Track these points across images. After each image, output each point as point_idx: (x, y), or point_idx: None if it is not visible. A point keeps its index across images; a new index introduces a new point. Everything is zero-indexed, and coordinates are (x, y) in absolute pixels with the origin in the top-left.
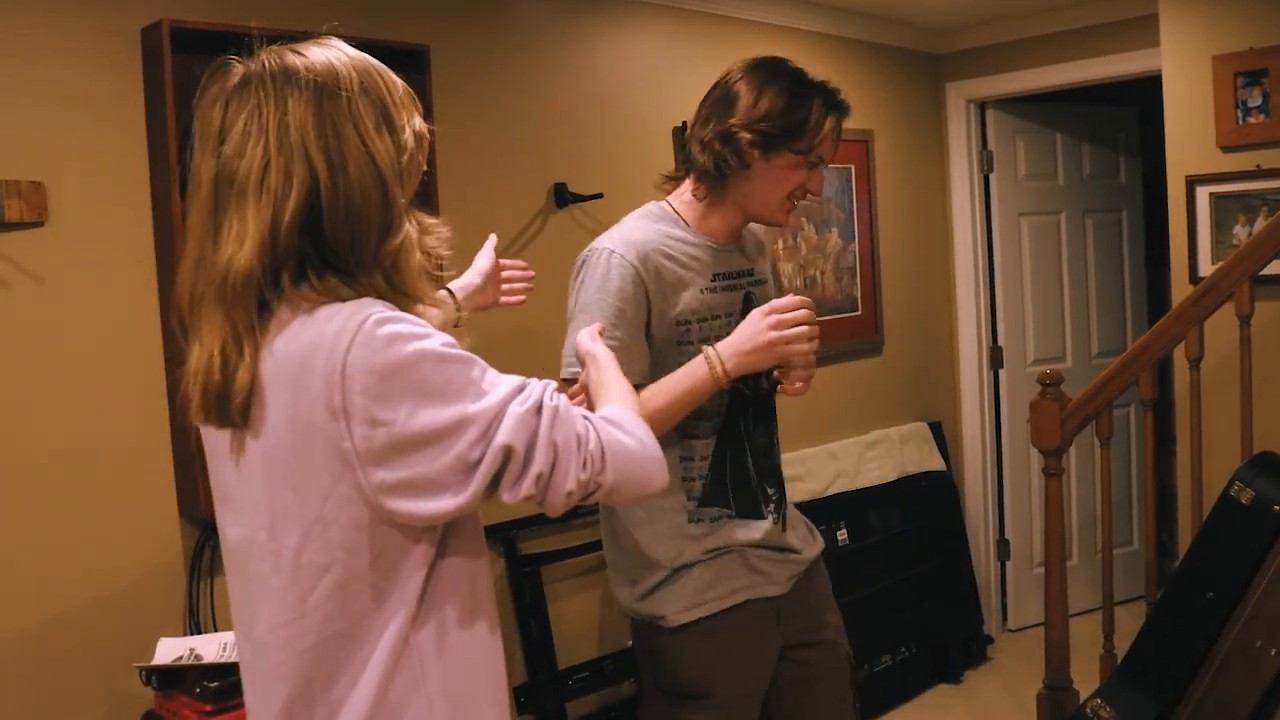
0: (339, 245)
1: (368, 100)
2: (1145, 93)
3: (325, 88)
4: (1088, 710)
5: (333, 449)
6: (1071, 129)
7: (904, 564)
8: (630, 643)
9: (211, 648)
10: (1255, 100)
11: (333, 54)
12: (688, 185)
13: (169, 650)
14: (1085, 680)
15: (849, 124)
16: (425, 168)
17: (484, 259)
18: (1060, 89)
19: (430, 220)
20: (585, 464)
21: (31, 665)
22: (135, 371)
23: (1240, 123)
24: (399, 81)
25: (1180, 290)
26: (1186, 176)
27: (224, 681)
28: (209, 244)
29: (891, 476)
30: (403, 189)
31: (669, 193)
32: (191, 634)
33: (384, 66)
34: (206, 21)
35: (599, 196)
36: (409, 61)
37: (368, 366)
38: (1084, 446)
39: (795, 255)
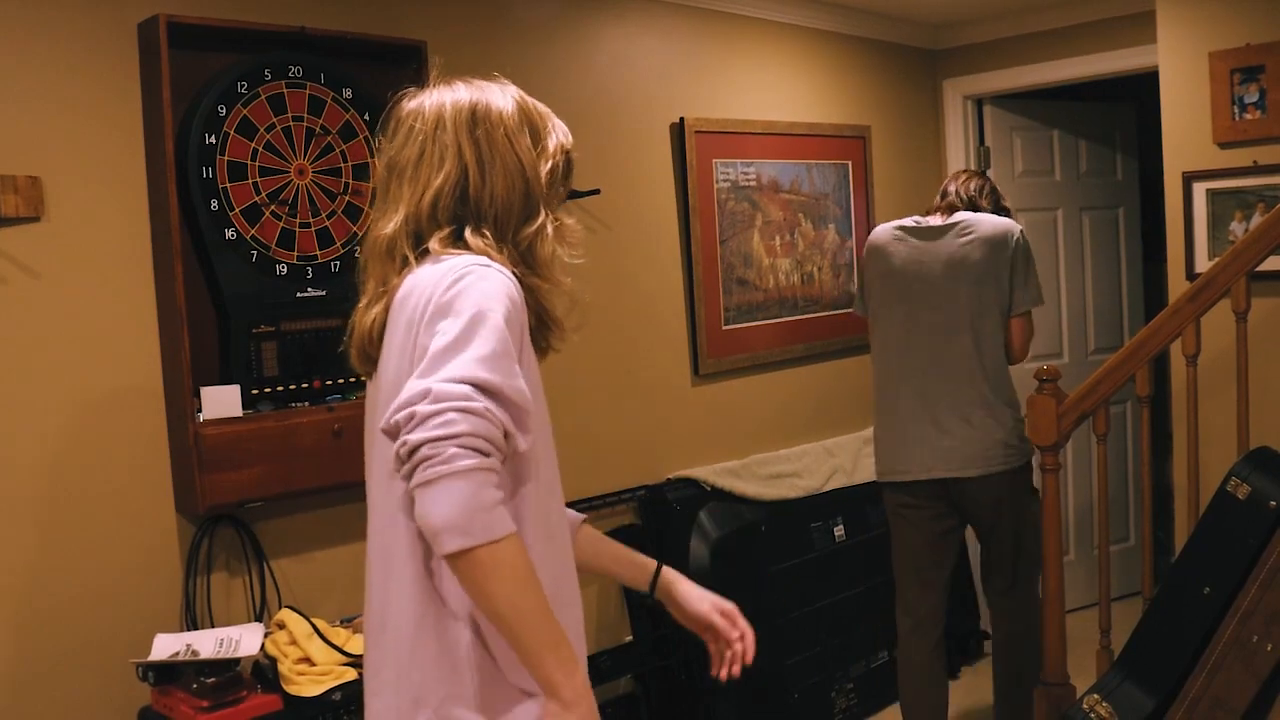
0: (483, 220)
1: (519, 116)
2: (1142, 89)
3: (479, 103)
4: (1084, 706)
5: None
6: (1068, 125)
7: None
8: (628, 638)
9: (208, 644)
10: (1252, 96)
11: (500, 88)
12: None
13: (166, 646)
14: (1082, 676)
15: (847, 119)
16: (569, 178)
17: (714, 614)
18: (1057, 85)
19: (568, 221)
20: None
21: (28, 661)
22: (132, 366)
23: (1237, 119)
24: (546, 110)
25: (1177, 286)
26: (1183, 173)
27: (220, 677)
28: (378, 219)
29: None
30: (545, 188)
31: None
32: (188, 630)
33: (547, 111)
34: (203, 16)
35: (596, 192)
36: (405, 56)
37: (435, 298)
38: (1081, 442)
39: (792, 252)
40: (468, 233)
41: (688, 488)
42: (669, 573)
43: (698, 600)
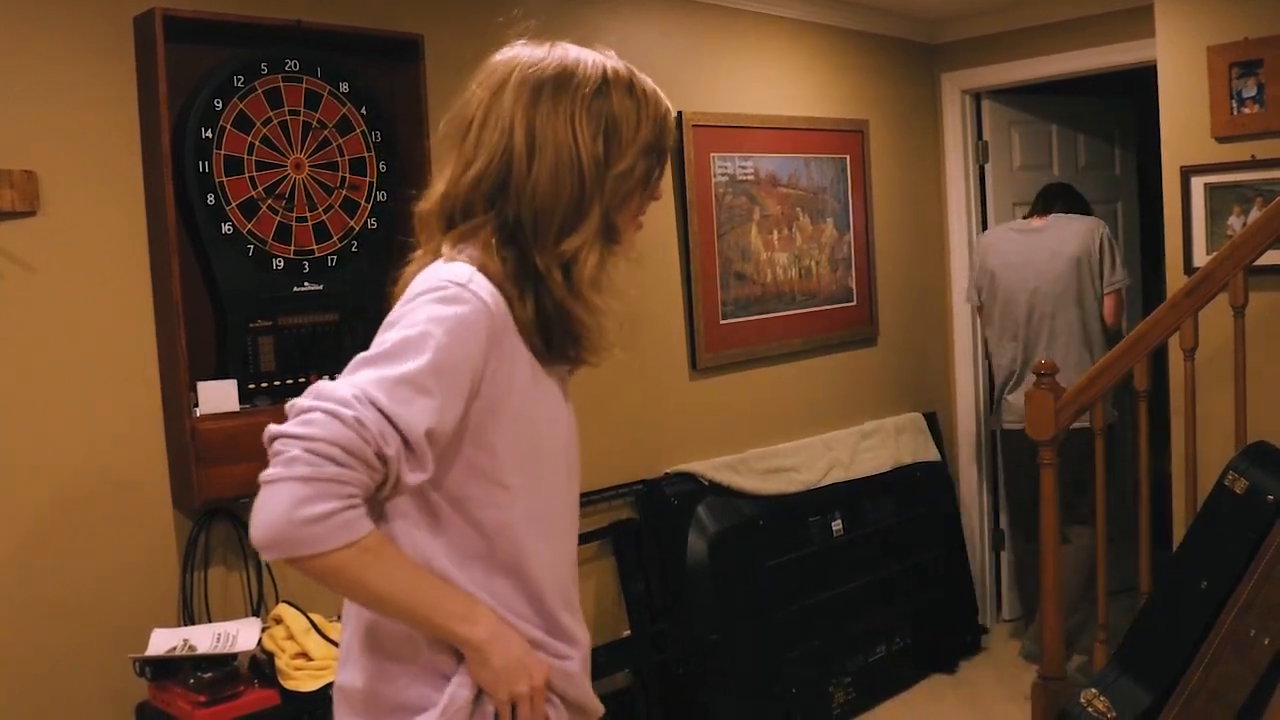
0: (520, 219)
1: (600, 105)
2: (1141, 83)
3: (558, 78)
4: (1082, 700)
5: None
6: (1067, 120)
7: (899, 554)
8: (626, 633)
9: (205, 639)
10: (1250, 91)
11: (594, 58)
12: None
13: (163, 641)
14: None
15: (845, 114)
16: (652, 184)
17: None
18: (1056, 79)
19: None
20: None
21: (25, 656)
22: (129, 361)
23: (1235, 113)
24: (652, 93)
25: (1175, 281)
26: (1181, 167)
27: (218, 672)
28: (432, 182)
29: (886, 467)
30: (603, 200)
31: None
32: (185, 625)
33: (656, 99)
34: (199, 10)
35: None
36: (402, 51)
37: (399, 304)
38: None
39: (790, 246)
40: (488, 231)
41: (685, 482)
42: None
43: None
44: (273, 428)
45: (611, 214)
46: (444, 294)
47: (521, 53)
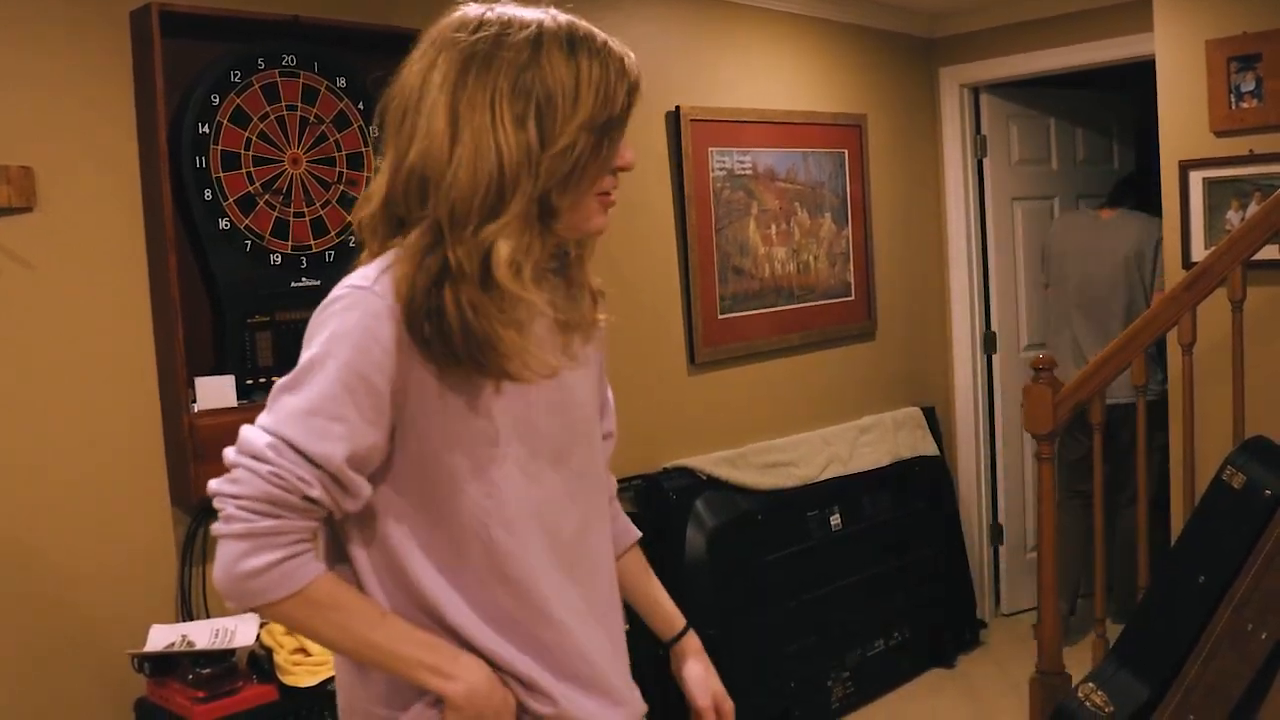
0: (438, 211)
1: (530, 78)
2: (1139, 77)
3: (488, 50)
4: (1080, 695)
5: None
6: (1065, 114)
7: (897, 549)
8: (625, 627)
9: (204, 634)
10: (1248, 85)
11: (534, 18)
12: None
13: (161, 637)
14: (1077, 664)
15: (843, 108)
16: (601, 161)
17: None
18: (1054, 74)
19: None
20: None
21: (23, 653)
22: (126, 357)
23: (1233, 107)
24: (604, 82)
25: (1174, 275)
26: (1180, 161)
27: (216, 668)
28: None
29: (885, 461)
30: (537, 182)
31: None
32: (184, 621)
33: (603, 64)
34: (196, 5)
35: None
36: (399, 45)
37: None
38: None
39: (788, 240)
40: (418, 233)
41: (684, 477)
42: (689, 642)
43: (700, 686)
44: (211, 484)
45: (552, 196)
46: (343, 302)
47: (457, 17)
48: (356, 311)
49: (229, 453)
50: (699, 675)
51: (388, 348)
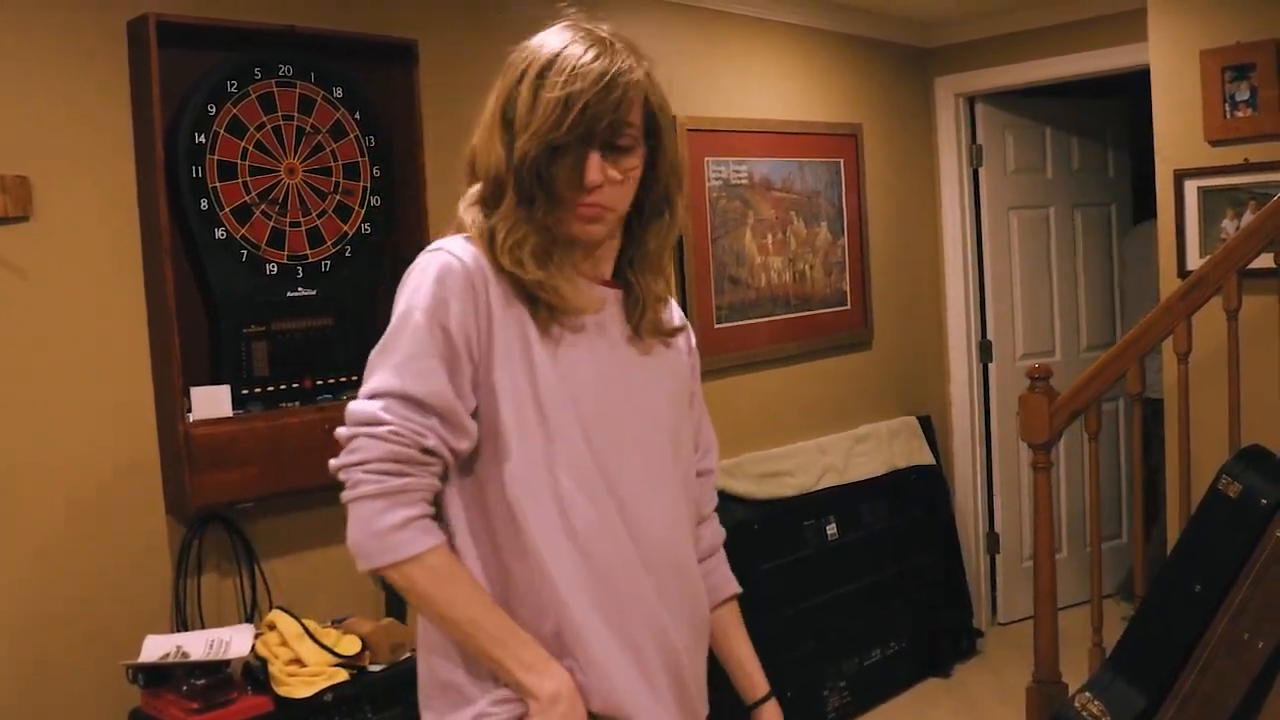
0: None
1: (511, 99)
2: (1134, 86)
3: (505, 76)
4: (1076, 704)
5: None
6: (1061, 123)
7: (894, 558)
8: None
9: (199, 645)
10: (1243, 94)
11: (544, 49)
12: None
13: (156, 648)
14: (1074, 673)
15: (839, 117)
16: (545, 173)
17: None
18: (1049, 83)
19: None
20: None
21: (18, 663)
22: (121, 366)
23: (1228, 117)
24: (551, 102)
25: (1169, 284)
26: (1175, 170)
27: (211, 679)
28: None
29: (881, 471)
30: (514, 173)
31: None
32: (179, 631)
33: (565, 84)
34: (192, 15)
35: None
36: (396, 55)
37: None
38: (1073, 439)
39: (784, 250)
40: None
41: None
42: (767, 711)
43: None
44: (332, 463)
45: (534, 199)
46: (421, 262)
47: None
48: (432, 266)
49: (341, 431)
50: None
51: (459, 297)
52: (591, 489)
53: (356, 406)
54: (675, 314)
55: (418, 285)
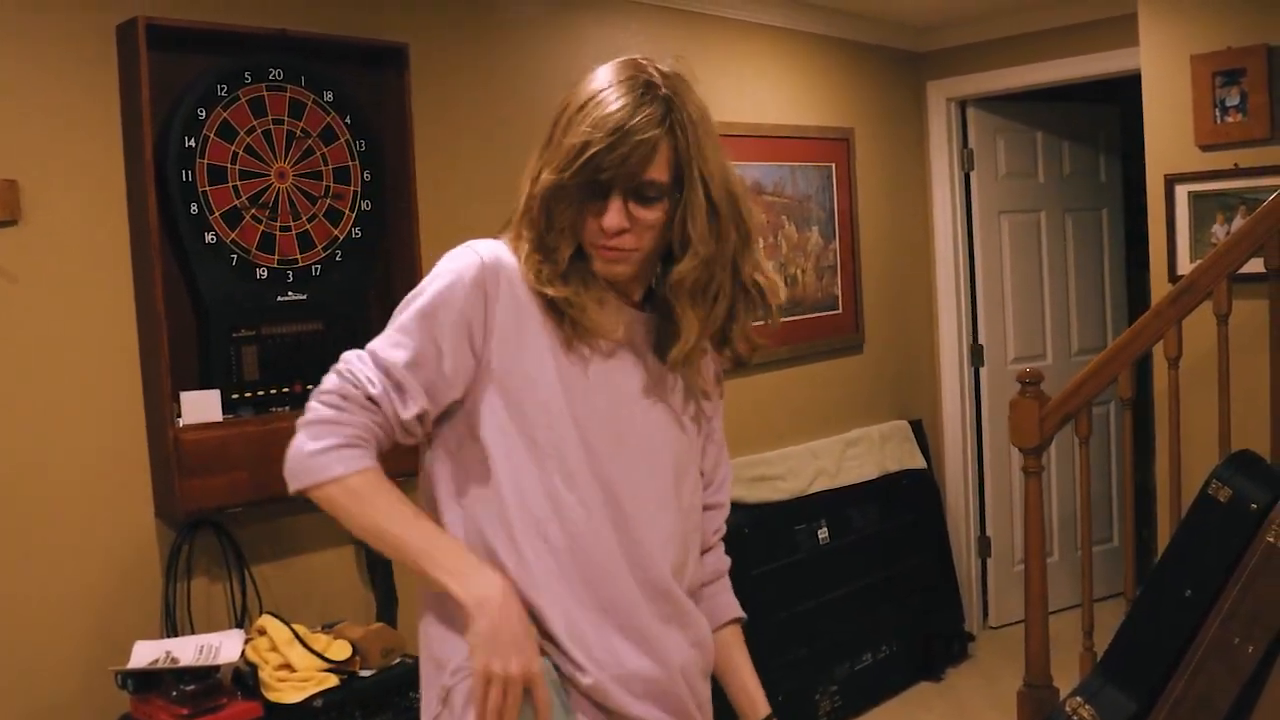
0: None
1: (554, 114)
2: (1126, 91)
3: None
4: (1067, 708)
5: None
6: (1052, 127)
7: (885, 562)
8: None
9: (188, 651)
10: (1233, 99)
11: (588, 84)
12: None
13: (145, 653)
14: (1065, 677)
15: (831, 121)
16: (548, 218)
17: None
18: (1041, 87)
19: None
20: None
21: (6, 668)
22: (111, 371)
23: (1218, 122)
24: (571, 147)
25: (1160, 288)
26: (1165, 175)
27: (200, 685)
28: None
29: (872, 474)
30: (532, 218)
31: None
32: (168, 637)
33: (586, 130)
34: (182, 19)
35: None
36: (387, 59)
37: None
38: (1064, 443)
39: (776, 254)
40: None
41: None
42: None
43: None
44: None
45: (545, 232)
46: (451, 252)
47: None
48: (456, 257)
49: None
50: None
51: (466, 288)
52: (582, 490)
53: (346, 353)
54: (712, 370)
55: (438, 270)
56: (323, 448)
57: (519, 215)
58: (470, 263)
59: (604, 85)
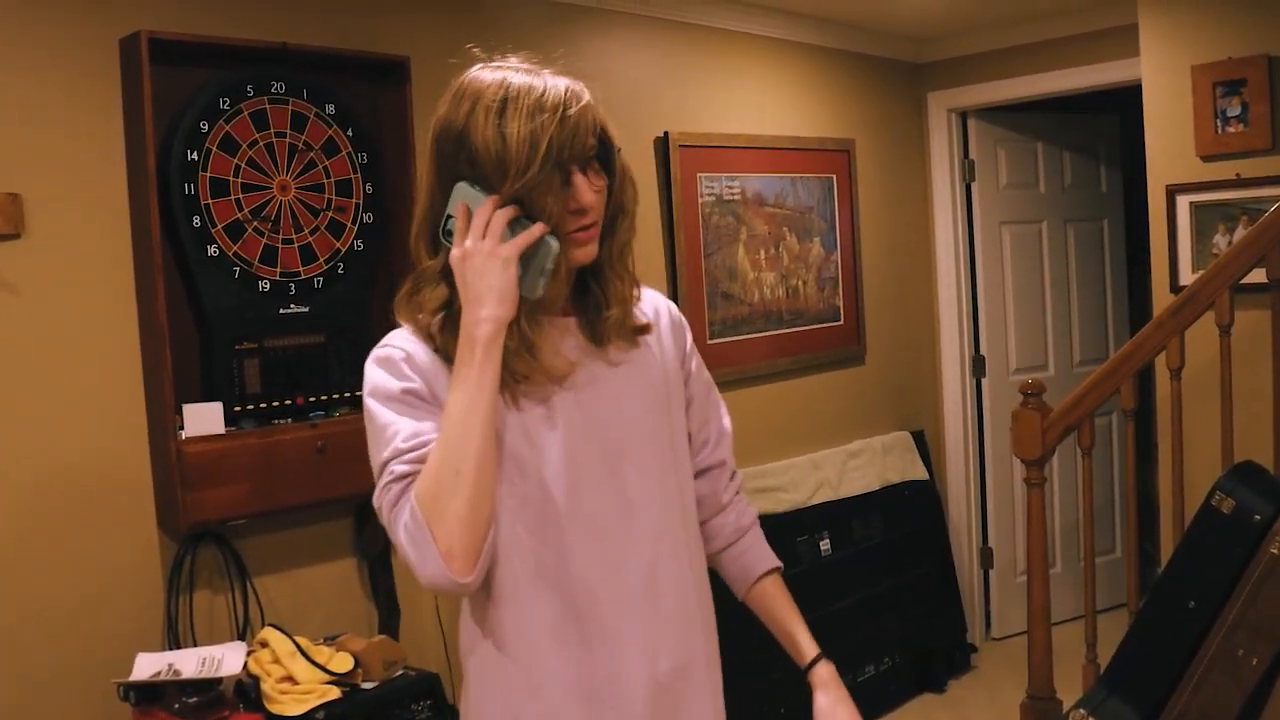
0: None
1: (454, 124)
2: (1127, 101)
3: (453, 93)
4: None
5: None
6: (1053, 138)
7: (887, 573)
8: None
9: (190, 663)
10: (1234, 110)
11: (494, 73)
12: None
13: (147, 665)
14: (1068, 689)
15: (832, 133)
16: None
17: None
18: (1042, 98)
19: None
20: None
21: (8, 681)
22: (113, 384)
23: (1219, 132)
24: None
25: (1161, 299)
26: (1167, 185)
27: (203, 697)
28: None
29: (874, 486)
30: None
31: None
32: (170, 649)
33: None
34: (185, 33)
35: None
36: (388, 72)
37: None
38: (1067, 454)
39: (777, 265)
40: None
41: None
42: (818, 673)
43: (825, 717)
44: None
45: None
46: (368, 363)
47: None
48: (371, 366)
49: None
50: (824, 707)
51: (402, 368)
52: (543, 533)
53: (377, 493)
54: (648, 307)
55: (367, 378)
56: (432, 555)
57: (416, 287)
58: (386, 355)
59: (496, 84)
